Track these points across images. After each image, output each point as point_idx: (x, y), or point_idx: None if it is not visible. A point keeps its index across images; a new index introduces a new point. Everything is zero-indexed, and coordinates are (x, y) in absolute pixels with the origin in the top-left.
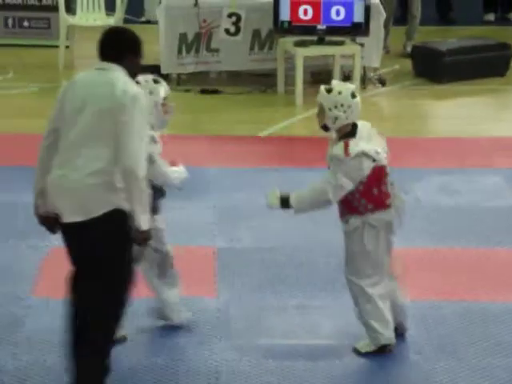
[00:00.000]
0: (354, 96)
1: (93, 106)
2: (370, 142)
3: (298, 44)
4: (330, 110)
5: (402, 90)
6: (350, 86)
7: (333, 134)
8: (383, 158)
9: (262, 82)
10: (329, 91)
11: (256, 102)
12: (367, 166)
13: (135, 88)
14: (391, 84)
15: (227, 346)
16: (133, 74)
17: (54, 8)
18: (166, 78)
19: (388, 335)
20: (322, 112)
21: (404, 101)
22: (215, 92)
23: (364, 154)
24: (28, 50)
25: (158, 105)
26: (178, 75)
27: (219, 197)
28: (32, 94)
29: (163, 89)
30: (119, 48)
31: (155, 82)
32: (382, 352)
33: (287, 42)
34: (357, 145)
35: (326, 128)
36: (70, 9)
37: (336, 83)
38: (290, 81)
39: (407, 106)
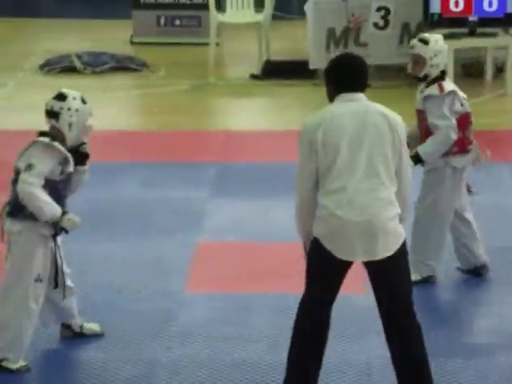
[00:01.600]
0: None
1: (370, 138)
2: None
3: (448, 36)
4: (430, 58)
5: None
6: (439, 35)
7: (420, 86)
8: (468, 105)
9: (410, 75)
10: (426, 42)
11: (404, 95)
12: (458, 107)
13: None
14: None
15: (377, 343)
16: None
17: (205, 6)
18: (314, 73)
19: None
20: (419, 63)
21: None
22: None
23: (455, 94)
24: (179, 48)
25: (85, 125)
26: None
27: None
28: (183, 92)
29: (89, 110)
30: (365, 78)
31: (83, 101)
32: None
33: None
34: (449, 85)
35: (419, 78)
36: (220, 6)
37: (426, 35)
38: None
39: None
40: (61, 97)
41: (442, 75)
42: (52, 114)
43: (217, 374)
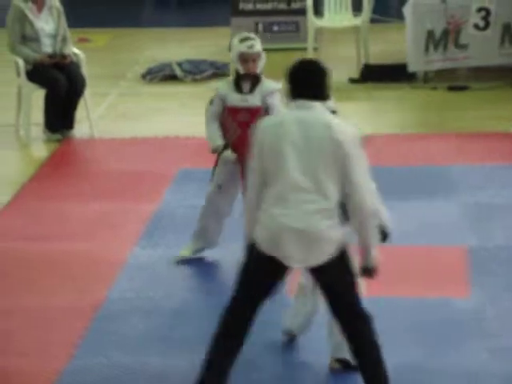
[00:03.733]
0: None
1: (314, 148)
2: None
3: None
4: None
5: None
6: None
7: None
8: None
9: None
10: None
11: (507, 97)
12: None
13: (350, 128)
14: None
15: (482, 348)
16: None
17: (303, 11)
18: (413, 76)
19: None
20: None
21: None
22: (463, 88)
23: None
24: (277, 54)
25: None
26: (425, 73)
27: (467, 195)
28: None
29: None
30: (321, 85)
31: None
32: None
33: None
34: None
35: None
36: (318, 11)
37: None
38: None
39: None
40: None
41: None
42: None
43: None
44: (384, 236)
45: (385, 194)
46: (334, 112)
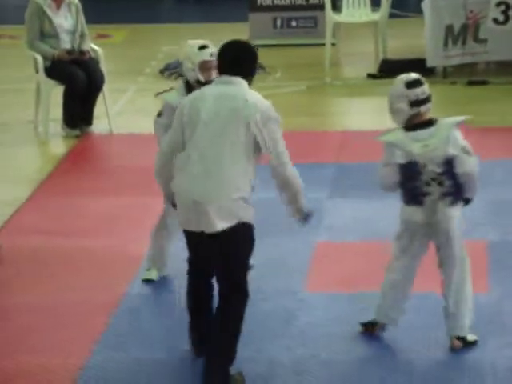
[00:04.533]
0: None
1: (224, 120)
2: None
3: None
4: None
5: None
6: None
7: None
8: None
9: None
10: None
11: None
12: None
13: (266, 102)
14: None
15: (502, 343)
16: (249, 83)
17: (321, 6)
18: (432, 71)
19: None
20: None
21: None
22: (483, 83)
23: None
24: (295, 50)
25: None
26: (444, 68)
27: (488, 189)
28: (300, 93)
29: None
30: (244, 62)
31: None
32: None
33: None
34: None
35: None
36: (336, 6)
37: None
38: None
39: None
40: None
41: None
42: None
43: (338, 375)
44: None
45: None
46: None
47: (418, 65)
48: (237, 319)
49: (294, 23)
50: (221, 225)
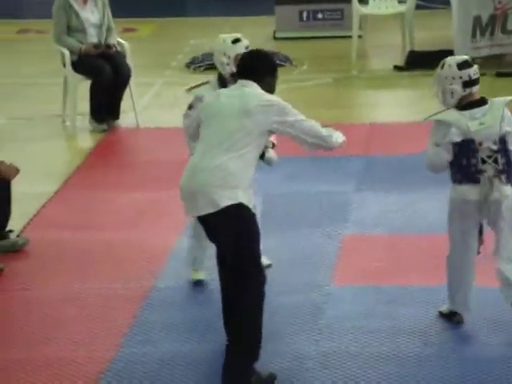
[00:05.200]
0: None
1: (229, 111)
2: None
3: None
4: None
5: None
6: None
7: None
8: None
9: None
10: None
11: None
12: None
13: (271, 96)
14: None
15: None
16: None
17: None
18: None
19: None
20: None
21: None
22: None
23: None
24: (321, 42)
25: None
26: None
27: None
28: (327, 85)
29: None
30: (258, 69)
31: None
32: None
33: None
34: None
35: None
36: None
37: None
38: None
39: None
40: None
41: None
42: None
43: (366, 368)
44: None
45: (435, 182)
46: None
47: (445, 56)
48: (249, 307)
49: (320, 15)
50: (207, 209)
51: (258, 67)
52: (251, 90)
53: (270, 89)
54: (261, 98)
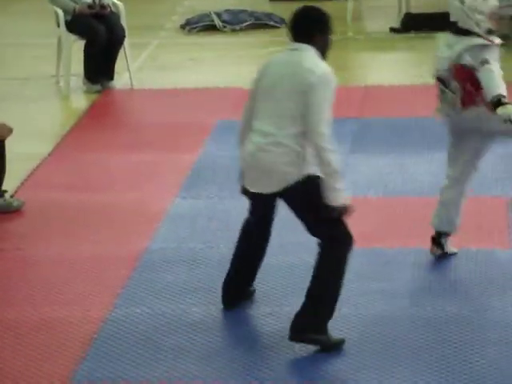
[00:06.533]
0: None
1: (282, 86)
2: None
3: None
4: None
5: None
6: None
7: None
8: None
9: None
10: None
11: None
12: None
13: (323, 67)
14: None
15: None
16: (323, 52)
17: None
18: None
19: None
20: None
21: None
22: (506, 38)
23: None
24: (317, 4)
25: None
26: None
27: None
28: None
29: None
30: (308, 29)
31: None
32: None
33: None
34: None
35: None
36: None
37: None
38: None
39: None
40: None
41: None
42: None
43: (358, 329)
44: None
45: (429, 144)
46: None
47: (441, 19)
48: (327, 269)
49: None
50: (277, 185)
51: (313, 27)
52: (303, 56)
53: (324, 48)
54: (315, 74)
